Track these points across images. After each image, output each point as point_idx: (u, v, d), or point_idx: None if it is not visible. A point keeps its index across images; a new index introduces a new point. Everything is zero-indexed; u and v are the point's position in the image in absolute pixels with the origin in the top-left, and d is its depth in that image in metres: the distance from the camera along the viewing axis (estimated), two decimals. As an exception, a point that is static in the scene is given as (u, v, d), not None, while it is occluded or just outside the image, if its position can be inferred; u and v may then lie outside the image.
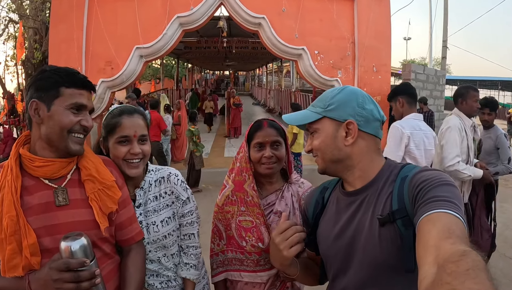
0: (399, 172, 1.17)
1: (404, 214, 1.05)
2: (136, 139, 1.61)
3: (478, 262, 0.67)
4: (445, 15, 14.10)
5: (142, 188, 1.70)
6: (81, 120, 1.36)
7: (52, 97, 1.31)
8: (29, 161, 1.32)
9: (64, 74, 1.34)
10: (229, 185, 1.84)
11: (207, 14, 7.80)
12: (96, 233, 1.38)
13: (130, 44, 7.49)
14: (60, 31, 7.48)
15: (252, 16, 7.76)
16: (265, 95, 28.11)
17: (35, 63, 11.16)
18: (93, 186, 1.40)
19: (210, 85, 40.92)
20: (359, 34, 8.20)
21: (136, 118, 1.65)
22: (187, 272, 1.78)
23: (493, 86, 38.70)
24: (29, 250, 1.23)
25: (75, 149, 1.36)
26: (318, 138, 1.26)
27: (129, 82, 7.85)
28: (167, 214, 1.72)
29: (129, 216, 1.54)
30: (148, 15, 7.54)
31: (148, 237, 1.66)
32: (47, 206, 1.31)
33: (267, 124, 1.80)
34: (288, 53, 8.02)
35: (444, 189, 0.98)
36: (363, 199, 1.19)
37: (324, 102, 1.26)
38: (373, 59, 8.30)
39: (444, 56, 14.25)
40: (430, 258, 0.78)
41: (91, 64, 7.49)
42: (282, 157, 1.78)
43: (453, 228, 0.83)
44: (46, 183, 1.34)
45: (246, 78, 51.35)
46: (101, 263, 1.39)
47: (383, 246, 1.08)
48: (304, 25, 7.95)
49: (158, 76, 28.98)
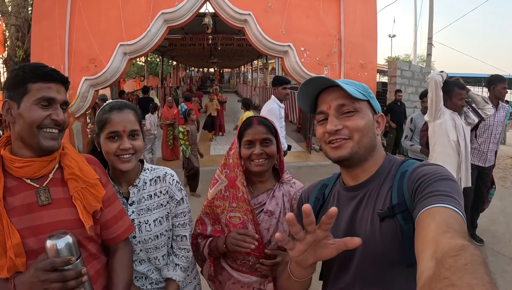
0: (399, 167, 1.19)
1: (404, 208, 1.06)
2: (126, 135, 1.59)
3: (476, 257, 0.67)
4: (431, 13, 14.27)
5: (137, 186, 1.68)
6: (51, 114, 1.32)
7: (21, 94, 1.29)
8: (10, 162, 1.29)
9: (30, 69, 1.31)
10: (222, 180, 1.82)
11: (192, 10, 7.74)
12: (80, 232, 1.36)
13: (114, 41, 7.39)
14: (43, 29, 7.35)
15: (238, 13, 7.72)
16: (250, 92, 28.10)
17: (17, 61, 10.93)
18: (76, 185, 1.38)
19: (195, 83, 40.75)
20: (346, 31, 8.24)
21: (126, 114, 1.62)
22: (173, 272, 1.75)
23: (477, 82, 39.33)
24: (14, 251, 1.21)
25: (47, 145, 1.32)
26: (362, 118, 1.18)
27: (113, 80, 7.74)
28: (161, 213, 1.70)
29: (114, 214, 1.51)
30: (132, 12, 7.45)
31: (140, 235, 1.64)
32: (30, 206, 1.29)
33: (257, 121, 1.79)
34: (274, 50, 8.01)
35: (444, 183, 0.98)
36: (364, 194, 1.20)
37: (363, 88, 1.24)
38: (359, 56, 8.35)
39: (430, 53, 14.42)
40: (428, 252, 0.78)
41: (74, 61, 7.37)
42: (272, 154, 1.76)
43: (452, 222, 0.83)
44: (28, 183, 1.31)
45: (231, 76, 51.30)
46: (87, 263, 1.37)
47: (384, 240, 1.08)
48: (291, 22, 7.95)
49: (143, 74, 28.74)
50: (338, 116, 1.18)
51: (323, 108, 1.21)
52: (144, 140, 1.72)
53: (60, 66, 7.15)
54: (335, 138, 1.17)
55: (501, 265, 4.45)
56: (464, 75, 36.25)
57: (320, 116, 1.24)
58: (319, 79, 1.20)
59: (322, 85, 1.22)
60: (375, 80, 7.70)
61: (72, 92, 7.14)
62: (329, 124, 1.17)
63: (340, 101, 1.17)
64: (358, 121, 1.16)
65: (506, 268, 4.39)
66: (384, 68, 20.77)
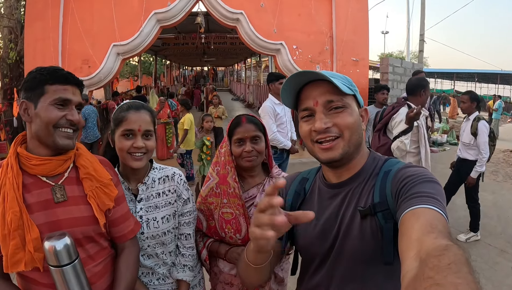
0: (382, 165, 1.17)
1: (385, 208, 1.06)
2: (140, 134, 1.65)
3: (460, 256, 0.67)
4: (422, 9, 14.36)
5: (145, 183, 1.74)
6: (67, 114, 1.37)
7: (38, 95, 1.34)
8: (27, 159, 1.35)
9: (47, 72, 1.36)
10: (213, 177, 1.89)
11: (185, 10, 7.78)
12: (94, 228, 1.42)
13: (107, 41, 7.41)
14: (36, 30, 7.35)
15: (230, 12, 7.77)
16: (244, 90, 28.07)
17: (10, 63, 10.85)
18: (91, 184, 1.44)
19: (188, 81, 40.64)
20: (337, 28, 8.30)
21: (142, 114, 1.68)
22: (183, 274, 1.81)
23: (470, 78, 39.50)
24: (33, 244, 1.26)
25: (63, 143, 1.37)
26: (351, 114, 1.12)
27: (106, 80, 7.76)
28: (168, 211, 1.76)
29: (123, 213, 1.56)
30: (124, 12, 7.47)
31: (148, 231, 1.69)
32: (47, 203, 1.34)
33: (246, 119, 1.86)
34: (267, 48, 8.06)
35: (428, 185, 0.98)
36: (347, 192, 1.17)
37: (349, 81, 1.18)
38: (351, 53, 8.41)
39: (422, 49, 14.51)
40: (412, 252, 0.78)
41: (68, 63, 7.37)
42: (261, 151, 1.84)
43: (436, 223, 0.84)
44: (44, 181, 1.37)
45: (224, 74, 51.15)
46: (100, 256, 1.46)
47: (364, 238, 1.08)
48: (283, 20, 8.01)
49: (136, 74, 28.64)
50: (326, 112, 1.12)
51: (308, 104, 1.14)
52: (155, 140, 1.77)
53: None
54: (324, 136, 1.11)
55: (493, 257, 4.54)
56: (457, 71, 36.46)
57: (304, 113, 1.17)
58: (307, 73, 1.12)
59: (308, 79, 1.15)
60: (367, 77, 7.76)
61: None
62: (318, 122, 1.10)
63: (328, 97, 1.11)
64: (347, 117, 1.11)
65: (497, 259, 4.48)
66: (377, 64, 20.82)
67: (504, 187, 7.80)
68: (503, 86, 40.51)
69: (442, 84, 46.87)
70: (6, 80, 10.86)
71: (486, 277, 4.03)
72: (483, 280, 3.95)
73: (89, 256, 1.41)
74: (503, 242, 4.96)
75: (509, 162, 10.43)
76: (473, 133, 4.92)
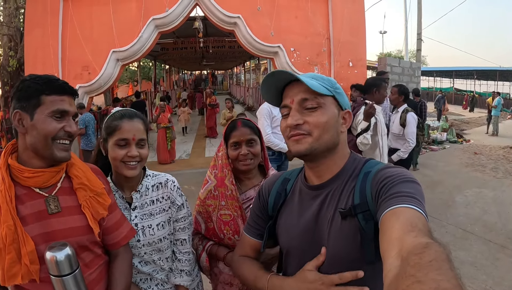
0: (362, 167, 1.19)
1: (365, 209, 1.07)
2: (134, 143, 1.65)
3: (440, 253, 0.69)
4: (419, 9, 14.41)
5: (139, 191, 1.74)
6: (65, 126, 1.35)
7: (34, 106, 1.31)
8: (19, 171, 1.32)
9: (43, 81, 1.33)
10: (211, 180, 1.93)
11: (183, 15, 7.83)
12: (88, 238, 1.41)
13: (106, 48, 7.46)
14: (35, 38, 7.40)
15: (228, 16, 7.81)
16: (243, 93, 28.09)
17: (10, 71, 10.92)
18: (84, 194, 1.43)
19: (188, 85, 40.69)
20: (334, 30, 8.34)
21: (136, 122, 1.68)
22: (180, 279, 1.83)
23: (469, 75, 39.46)
24: (28, 257, 1.24)
25: (61, 156, 1.35)
26: (324, 114, 1.15)
27: (107, 86, 7.81)
28: (163, 218, 1.77)
29: (115, 221, 1.56)
30: (123, 19, 7.53)
31: (144, 239, 1.70)
32: (40, 214, 1.32)
33: (241, 123, 1.91)
34: (264, 51, 8.10)
35: (407, 185, 1.00)
36: (328, 193, 1.19)
37: (331, 83, 1.21)
38: (349, 54, 8.45)
39: (419, 48, 14.56)
40: (393, 251, 0.79)
41: (68, 69, 7.43)
42: (257, 154, 1.89)
43: (416, 222, 0.85)
44: (37, 192, 1.34)
45: (224, 77, 51.16)
46: (95, 264, 1.46)
47: (345, 239, 1.09)
48: (280, 23, 8.05)
49: (136, 79, 28.69)
50: (301, 110, 1.16)
51: (286, 102, 1.20)
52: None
53: (54, 75, 7.03)
54: (295, 132, 1.15)
55: (493, 253, 4.55)
56: (456, 68, 36.44)
57: (284, 110, 1.22)
58: (283, 73, 1.18)
59: (286, 79, 1.20)
60: (365, 77, 7.79)
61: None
62: (290, 118, 1.16)
63: (303, 96, 1.15)
64: (319, 117, 1.14)
65: (498, 256, 4.49)
66: (375, 64, 20.84)
67: (504, 183, 7.81)
68: (502, 83, 40.47)
69: (442, 82, 46.89)
70: (7, 88, 10.93)
71: (487, 273, 4.05)
72: (483, 276, 3.99)
73: (85, 264, 1.41)
74: (504, 238, 4.98)
75: (509, 158, 10.44)
76: (401, 124, 5.28)
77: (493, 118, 15.94)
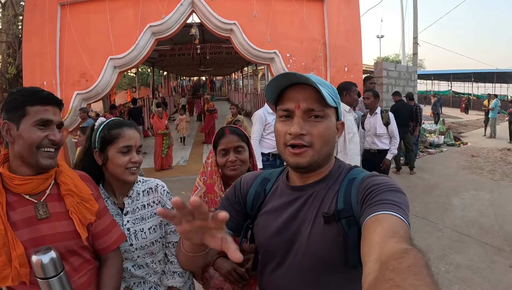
0: (347, 173, 1.20)
1: (349, 214, 1.08)
2: (135, 149, 1.73)
3: (419, 259, 0.70)
4: (415, 13, 14.50)
5: (130, 196, 1.80)
6: (49, 134, 1.42)
7: (19, 116, 1.38)
8: (9, 179, 1.38)
9: (28, 93, 1.41)
10: (201, 187, 1.97)
11: (179, 22, 7.87)
12: (76, 242, 1.47)
13: (103, 55, 7.50)
14: (33, 45, 7.45)
15: (224, 23, 7.85)
16: (241, 99, 28.14)
17: (9, 78, 10.97)
18: (72, 200, 1.48)
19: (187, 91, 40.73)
20: (330, 35, 8.38)
21: (134, 130, 1.76)
22: (173, 281, 1.87)
23: (467, 78, 39.55)
24: (18, 261, 1.30)
25: (45, 163, 1.41)
26: (328, 126, 1.14)
27: (104, 93, 7.84)
28: (154, 222, 1.82)
29: (105, 226, 1.61)
30: (120, 26, 7.57)
31: (137, 243, 1.75)
32: (30, 220, 1.38)
33: (229, 131, 1.96)
34: (261, 57, 8.13)
35: (393, 194, 1.00)
36: (310, 195, 1.19)
37: (334, 92, 1.20)
38: (345, 59, 8.49)
39: (415, 52, 14.64)
40: (373, 255, 0.80)
41: (66, 76, 7.47)
42: (245, 160, 1.94)
43: (398, 229, 0.86)
44: (27, 199, 1.40)
45: (222, 83, 51.19)
46: (83, 268, 1.51)
47: (326, 242, 1.10)
48: (276, 29, 8.08)
49: (134, 85, 28.72)
50: (305, 118, 1.12)
51: (290, 105, 1.14)
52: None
53: (52, 82, 7.27)
54: (296, 142, 1.12)
55: (490, 256, 4.56)
56: (453, 71, 36.52)
57: (283, 112, 1.17)
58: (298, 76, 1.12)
59: (297, 80, 1.14)
60: (361, 82, 7.80)
61: (64, 107, 7.18)
62: (295, 126, 1.11)
63: (311, 105, 1.12)
64: (324, 129, 1.12)
65: (494, 258, 4.50)
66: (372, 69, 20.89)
67: (501, 185, 7.85)
68: (499, 85, 40.63)
69: (439, 86, 46.99)
70: (5, 95, 10.95)
71: (483, 276, 4.06)
72: (480, 279, 4.00)
73: (73, 268, 1.46)
74: (500, 241, 4.99)
75: (507, 160, 10.49)
76: (385, 123, 5.69)
77: (490, 120, 16.00)
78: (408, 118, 8.98)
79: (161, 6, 7.54)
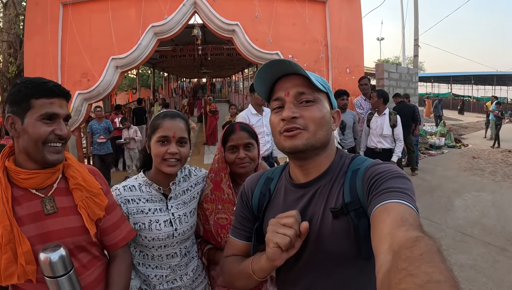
0: (350, 164, 1.19)
1: (357, 206, 1.07)
2: (174, 140, 1.71)
3: (431, 246, 0.69)
4: (416, 15, 14.54)
5: (175, 183, 1.84)
6: (55, 129, 1.35)
7: (24, 110, 1.32)
8: (15, 173, 1.34)
9: (33, 85, 1.34)
10: (208, 184, 1.95)
11: (181, 22, 7.87)
12: (85, 238, 1.43)
13: (105, 55, 7.49)
14: (35, 44, 7.44)
15: (226, 23, 7.86)
16: (242, 100, 28.11)
17: (10, 77, 10.98)
18: (81, 194, 1.44)
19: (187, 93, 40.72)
20: (332, 36, 8.39)
21: (177, 122, 1.75)
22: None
23: (467, 80, 39.58)
24: (24, 258, 1.26)
25: (52, 159, 1.36)
26: (320, 109, 1.14)
27: (105, 93, 7.83)
28: (194, 205, 1.91)
29: (114, 222, 1.56)
30: (122, 26, 7.57)
31: (181, 227, 1.79)
32: (37, 215, 1.33)
33: (239, 127, 1.94)
34: (263, 58, 8.11)
35: (398, 181, 1.00)
36: (315, 191, 1.18)
37: (323, 81, 1.20)
38: (346, 60, 8.50)
39: (416, 54, 14.67)
40: (385, 246, 0.79)
41: (67, 76, 7.46)
42: (254, 158, 1.92)
43: (407, 216, 0.85)
44: (33, 193, 1.36)
45: (222, 85, 51.14)
46: (92, 265, 1.47)
47: (337, 237, 1.08)
48: (278, 30, 8.09)
49: (135, 86, 28.70)
50: (296, 104, 1.13)
51: (280, 94, 1.16)
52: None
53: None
54: (290, 126, 1.12)
55: (493, 256, 4.57)
56: (453, 74, 36.57)
57: (276, 103, 1.18)
58: (280, 62, 1.12)
59: (282, 71, 1.16)
60: (362, 83, 7.82)
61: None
62: (286, 110, 1.12)
63: (300, 89, 1.13)
64: (315, 112, 1.12)
65: (497, 258, 4.52)
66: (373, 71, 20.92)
67: (503, 186, 7.86)
68: (499, 87, 40.67)
69: (439, 88, 47.03)
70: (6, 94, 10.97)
71: (487, 276, 4.07)
72: (484, 279, 4.01)
73: (82, 265, 1.42)
74: (503, 241, 5.01)
75: (508, 162, 10.50)
76: (392, 125, 5.81)
77: (491, 122, 15.99)
78: (410, 119, 8.98)
79: (164, 6, 7.55)
